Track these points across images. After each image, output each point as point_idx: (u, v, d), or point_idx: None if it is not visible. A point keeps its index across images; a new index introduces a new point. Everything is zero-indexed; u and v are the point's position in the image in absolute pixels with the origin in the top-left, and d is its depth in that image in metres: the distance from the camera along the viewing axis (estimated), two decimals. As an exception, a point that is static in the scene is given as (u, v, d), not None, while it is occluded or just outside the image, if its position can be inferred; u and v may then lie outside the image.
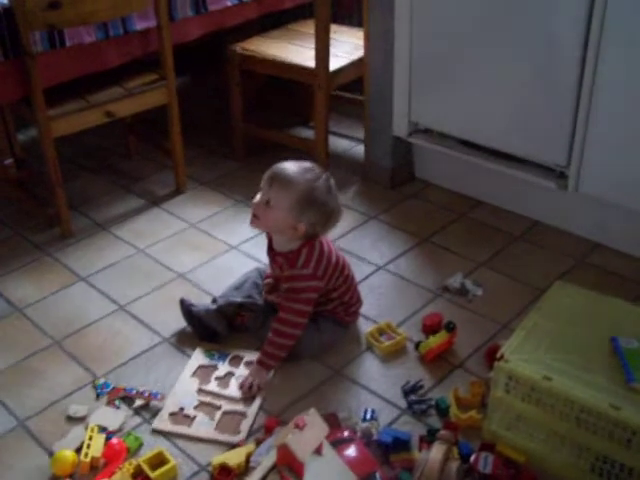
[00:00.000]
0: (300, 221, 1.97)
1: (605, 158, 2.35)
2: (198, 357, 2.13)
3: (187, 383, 2.05)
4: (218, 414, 1.96)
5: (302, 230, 1.99)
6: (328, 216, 2.02)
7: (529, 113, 2.46)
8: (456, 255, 2.57)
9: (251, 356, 2.13)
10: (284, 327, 2.03)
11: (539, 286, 2.36)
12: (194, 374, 2.08)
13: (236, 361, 2.13)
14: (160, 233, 2.77)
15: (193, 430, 1.90)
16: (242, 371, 2.08)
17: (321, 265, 2.05)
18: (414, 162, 3.03)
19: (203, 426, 1.92)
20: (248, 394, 2.00)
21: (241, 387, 2.02)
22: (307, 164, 2.03)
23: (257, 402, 1.99)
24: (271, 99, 3.79)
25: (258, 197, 2.01)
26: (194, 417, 1.94)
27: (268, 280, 2.25)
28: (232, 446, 1.84)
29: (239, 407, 1.98)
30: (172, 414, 1.95)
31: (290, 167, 2.00)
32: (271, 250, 2.12)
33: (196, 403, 1.98)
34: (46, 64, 2.50)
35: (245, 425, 1.92)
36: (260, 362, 2.04)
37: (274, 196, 1.97)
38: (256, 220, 2.03)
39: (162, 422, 1.92)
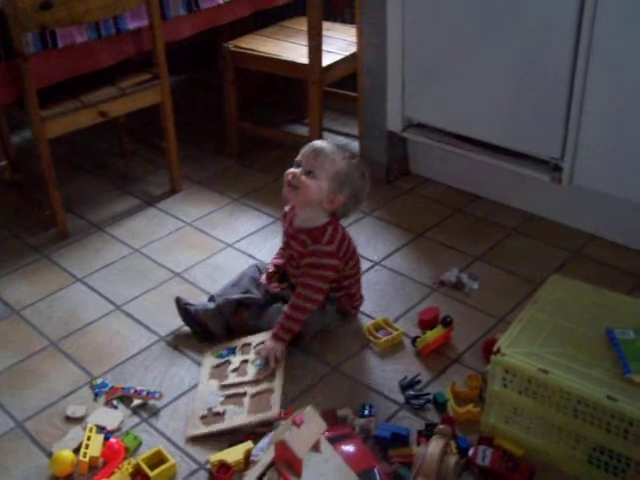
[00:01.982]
0: (341, 192, 2.04)
1: (599, 150, 2.35)
2: (208, 360, 2.11)
3: (207, 386, 2.03)
4: (246, 400, 1.96)
5: (340, 201, 2.05)
6: (361, 194, 2.11)
7: (523, 106, 2.46)
8: (452, 249, 2.57)
9: (259, 338, 2.13)
10: (301, 301, 2.06)
11: (535, 279, 2.36)
12: (211, 377, 2.06)
13: (246, 348, 2.13)
14: (156, 232, 2.77)
15: (227, 423, 1.89)
16: (254, 356, 2.09)
17: (343, 246, 2.11)
18: (409, 157, 3.03)
19: (235, 416, 1.91)
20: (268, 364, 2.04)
21: (258, 353, 2.07)
22: (338, 144, 2.16)
23: (280, 375, 2.01)
24: (266, 97, 3.78)
25: (295, 170, 2.06)
26: (224, 412, 1.93)
27: (270, 266, 2.28)
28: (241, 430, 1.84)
29: (263, 386, 1.99)
30: (203, 417, 1.92)
31: (328, 144, 2.10)
32: (289, 230, 2.15)
33: (222, 399, 1.97)
34: (39, 65, 2.50)
35: (275, 399, 1.93)
36: (276, 336, 2.06)
37: (319, 167, 2.03)
38: (294, 191, 2.05)
39: (196, 428, 1.90)
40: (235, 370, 2.06)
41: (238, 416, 1.91)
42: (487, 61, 2.49)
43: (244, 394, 1.98)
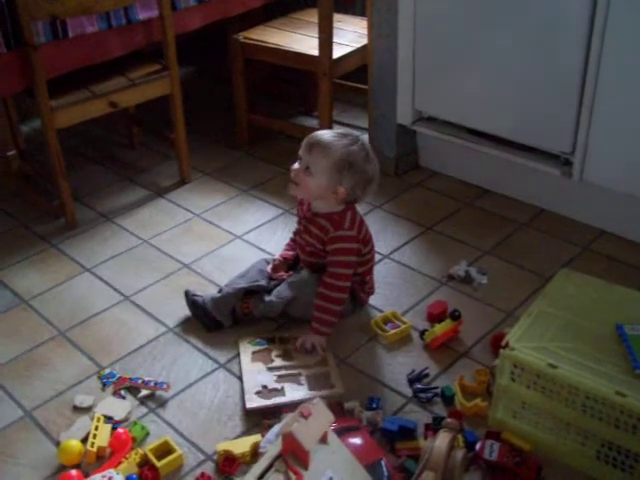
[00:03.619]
0: (340, 184, 2.02)
1: (610, 145, 2.34)
2: (246, 348, 2.10)
3: (253, 367, 2.02)
4: (303, 379, 1.97)
5: (342, 194, 2.04)
6: (367, 180, 2.07)
7: (534, 100, 2.45)
8: (461, 243, 2.57)
9: (293, 334, 2.14)
10: (330, 292, 2.08)
11: (544, 274, 2.35)
12: (253, 360, 2.05)
13: (283, 340, 2.14)
14: (165, 223, 2.77)
15: (289, 397, 1.90)
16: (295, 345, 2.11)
17: (362, 230, 2.13)
18: (418, 150, 3.03)
19: (296, 392, 1.92)
20: (313, 352, 2.06)
21: (301, 347, 2.07)
22: (342, 130, 2.12)
23: (331, 360, 2.04)
24: (275, 89, 3.78)
25: (297, 165, 2.07)
26: (282, 388, 1.94)
27: (277, 257, 2.30)
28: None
29: (317, 369, 2.00)
30: (258, 392, 1.93)
31: (327, 133, 2.07)
32: (307, 214, 2.15)
33: (275, 378, 1.97)
34: (49, 55, 2.49)
35: (335, 379, 1.95)
36: (314, 329, 2.08)
37: (313, 162, 2.02)
38: (296, 187, 2.08)
39: (254, 401, 1.90)
40: (280, 356, 2.07)
41: (299, 393, 1.92)
42: (499, 55, 2.47)
43: (299, 374, 1.99)
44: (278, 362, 2.04)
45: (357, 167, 2.03)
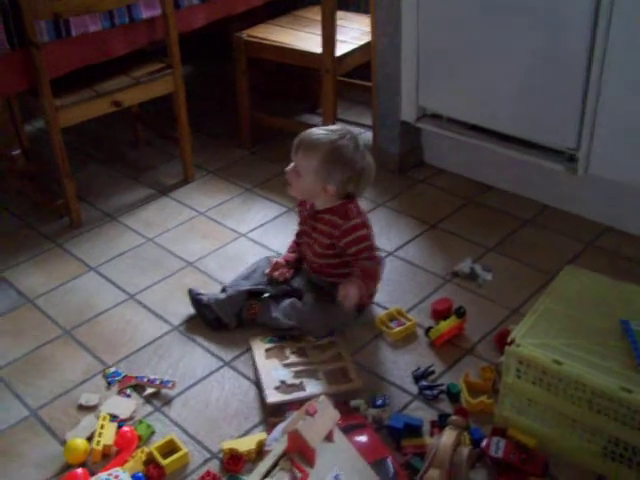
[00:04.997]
0: (328, 183, 2.02)
1: (615, 140, 2.33)
2: (258, 346, 2.11)
3: (268, 364, 2.02)
4: (321, 374, 1.97)
5: (332, 191, 2.04)
6: (358, 174, 2.05)
7: (538, 96, 2.44)
8: (465, 240, 2.56)
9: (305, 335, 2.14)
10: (368, 280, 2.10)
11: (549, 270, 2.35)
12: (268, 357, 2.06)
13: (296, 338, 2.13)
14: (169, 222, 2.77)
15: (309, 392, 1.90)
16: (310, 343, 2.10)
17: (366, 220, 2.13)
18: (423, 147, 3.02)
19: (316, 386, 1.93)
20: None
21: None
22: (333, 126, 2.11)
23: (346, 353, 2.04)
24: (279, 86, 3.77)
25: (291, 165, 2.08)
26: (301, 383, 1.94)
27: (278, 259, 2.28)
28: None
29: (333, 365, 2.01)
30: (277, 387, 1.93)
31: (315, 131, 2.06)
32: (311, 213, 2.15)
33: (292, 374, 1.98)
34: (52, 54, 2.49)
35: (353, 373, 1.96)
36: (356, 284, 2.04)
37: (300, 162, 2.03)
38: (290, 186, 2.10)
39: (275, 396, 1.90)
40: (294, 353, 2.07)
41: (318, 387, 1.92)
42: (502, 50, 2.47)
43: (316, 370, 1.99)
44: (293, 359, 2.05)
45: (345, 162, 2.01)
